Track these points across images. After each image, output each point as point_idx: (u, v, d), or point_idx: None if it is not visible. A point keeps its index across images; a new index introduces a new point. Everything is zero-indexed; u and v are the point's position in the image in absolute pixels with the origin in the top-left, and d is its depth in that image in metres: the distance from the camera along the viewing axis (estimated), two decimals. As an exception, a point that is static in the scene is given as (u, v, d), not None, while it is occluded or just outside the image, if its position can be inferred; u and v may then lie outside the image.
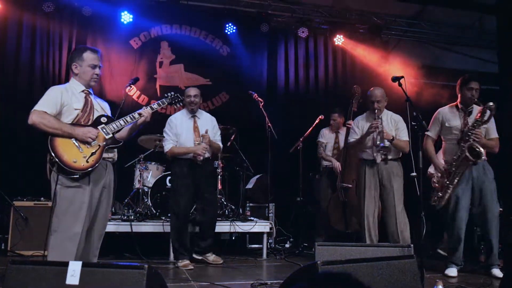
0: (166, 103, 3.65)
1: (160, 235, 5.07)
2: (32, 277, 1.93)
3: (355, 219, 5.41)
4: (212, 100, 7.20)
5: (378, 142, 4.49)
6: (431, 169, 5.77)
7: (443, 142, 4.64)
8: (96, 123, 3.20)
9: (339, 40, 7.49)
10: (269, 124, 5.62)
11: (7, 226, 5.10)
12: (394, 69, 6.83)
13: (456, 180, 4.30)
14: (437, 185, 4.44)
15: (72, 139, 3.06)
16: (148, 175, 5.63)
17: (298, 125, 6.37)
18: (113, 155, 3.32)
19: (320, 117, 6.04)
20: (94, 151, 3.10)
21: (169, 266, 4.66)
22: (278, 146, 6.01)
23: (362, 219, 4.67)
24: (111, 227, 4.93)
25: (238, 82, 7.15)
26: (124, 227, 4.94)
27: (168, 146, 4.75)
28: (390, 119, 4.72)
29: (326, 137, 6.07)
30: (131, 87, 5.78)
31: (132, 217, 5.10)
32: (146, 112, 3.37)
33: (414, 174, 3.67)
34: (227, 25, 7.14)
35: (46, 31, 6.55)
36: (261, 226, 5.41)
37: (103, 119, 3.23)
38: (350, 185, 5.60)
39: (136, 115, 3.34)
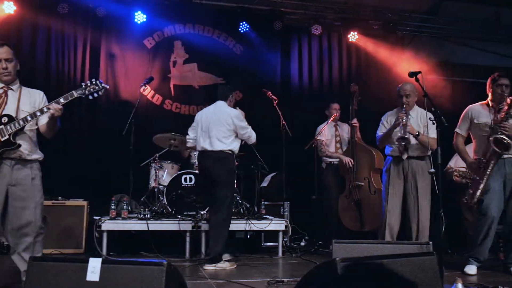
0: (76, 95, 3.27)
1: (176, 234, 5.09)
2: (53, 274, 1.94)
3: (371, 217, 5.37)
4: (226, 99, 7.20)
5: (399, 134, 4.44)
6: (451, 163, 5.72)
7: (473, 140, 4.58)
8: None
9: (353, 37, 7.44)
10: (283, 122, 5.61)
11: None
12: (409, 65, 6.76)
13: (486, 176, 4.24)
14: (463, 180, 4.41)
15: None
16: (164, 174, 5.66)
17: (312, 123, 6.32)
18: (20, 154, 3.21)
19: (334, 114, 6.01)
20: None
21: (185, 264, 4.68)
22: (293, 144, 5.98)
23: (384, 215, 4.62)
24: (128, 225, 4.99)
25: (252, 80, 7.14)
26: (140, 226, 4.97)
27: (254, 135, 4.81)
28: (420, 116, 4.62)
29: (326, 134, 5.99)
30: (145, 86, 5.83)
31: (148, 215, 5.12)
32: (52, 106, 3.17)
33: (432, 170, 3.63)
34: (240, 24, 7.13)
35: (61, 32, 6.61)
36: (276, 224, 5.41)
37: (4, 120, 3.14)
38: (362, 183, 5.57)
39: (38, 112, 3.19)
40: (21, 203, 3.20)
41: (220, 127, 4.60)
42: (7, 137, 3.12)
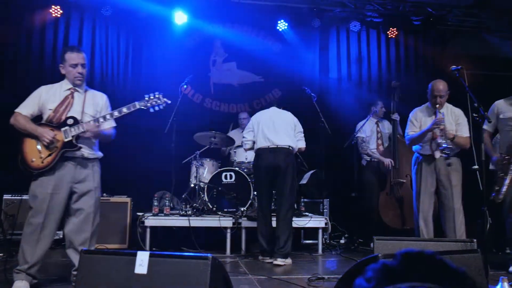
0: (138, 107, 3.46)
1: (216, 230, 5.18)
2: (103, 266, 2.04)
3: (412, 215, 5.29)
4: (265, 97, 7.25)
5: (440, 141, 4.29)
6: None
7: (498, 135, 4.50)
8: (62, 124, 3.31)
9: (392, 33, 7.32)
10: (322, 119, 5.60)
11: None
12: (451, 60, 6.59)
13: (510, 172, 4.16)
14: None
15: (36, 139, 3.26)
16: (204, 171, 5.76)
17: (351, 120, 6.28)
18: (82, 154, 3.39)
19: (375, 111, 5.94)
20: (51, 152, 3.25)
21: (226, 260, 4.75)
22: (332, 141, 5.97)
23: (417, 214, 4.56)
24: (170, 221, 5.13)
25: (291, 78, 7.15)
26: (182, 222, 5.09)
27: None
28: (451, 113, 4.53)
29: (366, 130, 5.92)
30: (186, 85, 5.95)
31: (189, 212, 5.24)
32: (87, 126, 3.33)
33: (476, 167, 3.55)
34: (278, 22, 7.15)
35: (105, 34, 6.84)
36: (316, 222, 5.41)
37: (69, 121, 3.32)
38: (404, 180, 5.49)
39: (101, 119, 3.38)
40: (81, 200, 3.38)
41: (286, 126, 4.90)
42: (70, 138, 3.31)
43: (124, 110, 3.40)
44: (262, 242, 4.74)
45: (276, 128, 4.82)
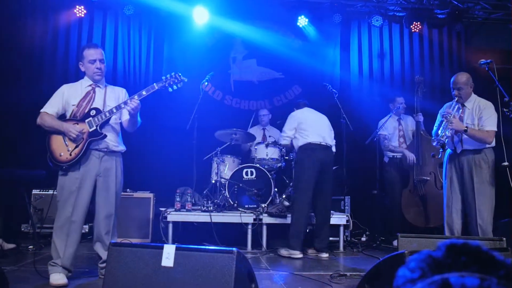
0: (157, 88, 3.47)
1: (237, 226, 5.19)
2: (131, 258, 2.07)
3: (436, 213, 5.21)
4: (285, 93, 7.23)
5: (439, 132, 4.20)
6: None
7: None
8: (85, 116, 3.38)
9: (416, 27, 7.20)
10: (344, 116, 5.55)
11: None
12: (478, 55, 6.45)
13: None
14: None
15: (62, 135, 3.33)
16: (225, 168, 5.77)
17: (373, 116, 6.21)
18: (107, 145, 3.45)
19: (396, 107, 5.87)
20: (78, 144, 3.33)
21: (247, 256, 4.75)
22: (354, 138, 5.91)
23: (443, 211, 4.47)
24: (192, 217, 5.16)
25: (311, 74, 7.11)
26: (204, 217, 5.12)
27: None
28: (477, 107, 4.32)
29: (388, 128, 5.84)
30: (207, 83, 5.97)
31: (211, 208, 5.27)
32: (132, 102, 3.37)
33: (506, 163, 3.47)
34: (299, 18, 7.10)
35: (127, 33, 6.90)
36: (337, 219, 5.37)
37: (92, 112, 3.40)
38: (428, 178, 5.40)
39: (122, 104, 3.41)
40: (105, 193, 3.45)
41: (328, 127, 5.18)
42: (94, 127, 3.38)
43: (143, 92, 3.44)
44: (300, 237, 4.79)
45: (323, 127, 5.07)
